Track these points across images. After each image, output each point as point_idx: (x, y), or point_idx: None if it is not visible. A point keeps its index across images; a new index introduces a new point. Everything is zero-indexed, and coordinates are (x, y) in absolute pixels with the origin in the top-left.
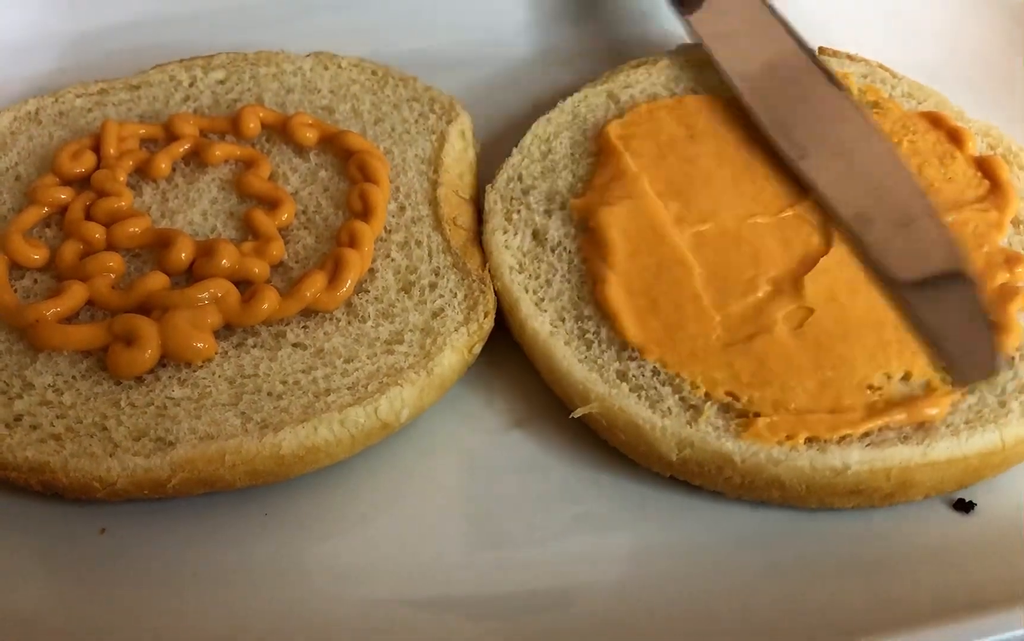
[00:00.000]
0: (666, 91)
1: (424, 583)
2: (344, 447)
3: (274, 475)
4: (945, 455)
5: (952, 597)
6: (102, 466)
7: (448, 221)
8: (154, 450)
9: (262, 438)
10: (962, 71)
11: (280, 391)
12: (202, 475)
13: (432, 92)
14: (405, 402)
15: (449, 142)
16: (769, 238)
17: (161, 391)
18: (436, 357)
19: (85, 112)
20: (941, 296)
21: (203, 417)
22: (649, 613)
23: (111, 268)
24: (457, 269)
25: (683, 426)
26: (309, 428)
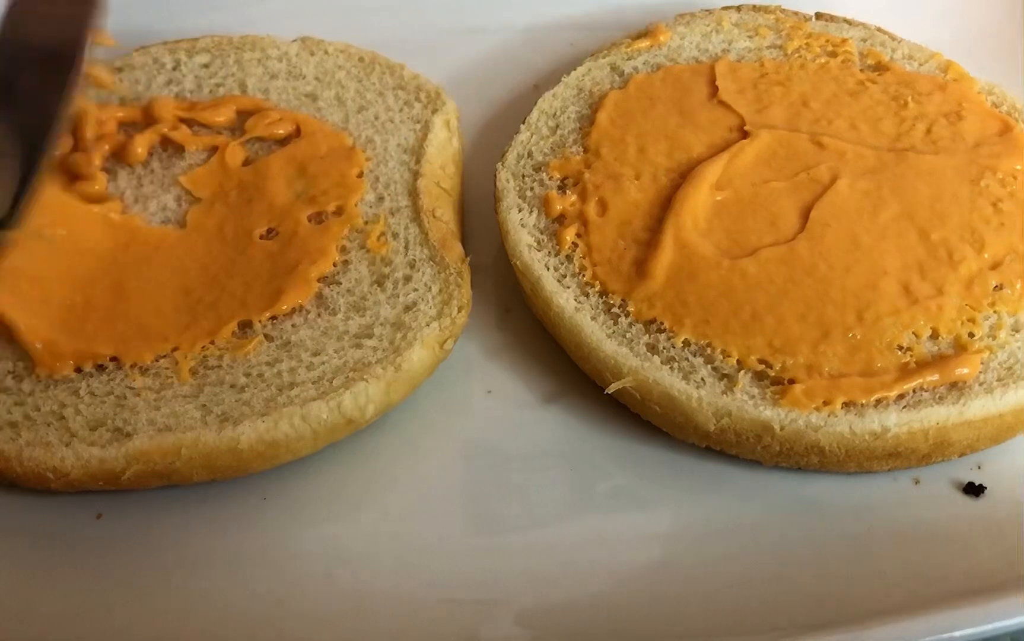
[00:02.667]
0: (669, 61)
1: (460, 563)
2: (306, 443)
3: (233, 469)
4: (980, 413)
5: (961, 581)
6: (56, 456)
7: (427, 213)
8: (110, 441)
9: (220, 431)
10: (962, 39)
11: (243, 383)
12: (157, 468)
13: (419, 80)
14: (370, 398)
15: (433, 132)
16: (782, 199)
17: (122, 380)
18: (405, 352)
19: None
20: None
21: (162, 408)
22: (689, 586)
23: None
24: (434, 262)
25: (719, 396)
26: (270, 422)
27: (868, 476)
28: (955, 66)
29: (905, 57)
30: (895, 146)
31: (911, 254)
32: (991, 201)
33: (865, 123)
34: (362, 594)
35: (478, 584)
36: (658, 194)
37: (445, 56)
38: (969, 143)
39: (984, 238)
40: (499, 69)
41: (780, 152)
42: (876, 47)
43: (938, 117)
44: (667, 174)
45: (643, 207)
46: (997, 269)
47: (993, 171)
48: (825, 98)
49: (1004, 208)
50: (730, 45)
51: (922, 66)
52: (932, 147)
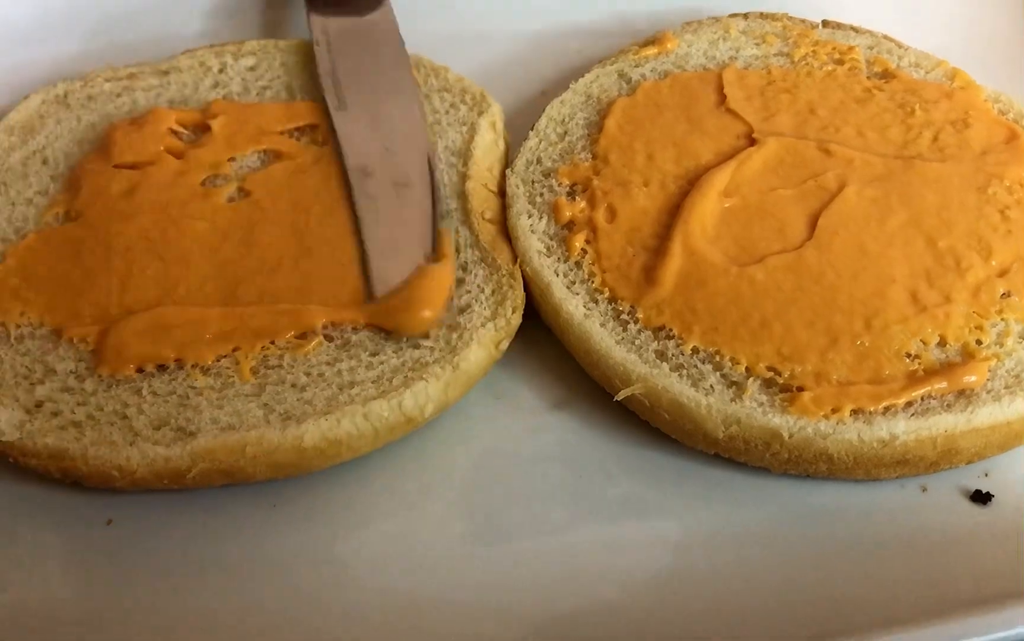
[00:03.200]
0: (676, 68)
1: (468, 570)
2: (367, 441)
3: (295, 467)
4: (988, 421)
5: (969, 589)
6: (122, 454)
7: (477, 214)
8: (174, 440)
9: (284, 430)
10: (969, 47)
11: (304, 383)
12: (222, 466)
13: (464, 82)
14: (430, 397)
15: (479, 134)
16: (790, 207)
17: (184, 380)
18: (462, 352)
19: (114, 97)
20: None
21: (225, 407)
22: (698, 594)
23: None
24: (486, 264)
25: (728, 403)
26: (332, 421)
27: (876, 483)
28: (962, 74)
29: (912, 65)
30: (902, 153)
31: (919, 262)
32: (998, 208)
33: (872, 130)
34: (370, 601)
35: (486, 591)
36: (666, 201)
37: (454, 62)
38: (976, 151)
39: (991, 245)
40: (508, 75)
41: (788, 159)
42: (883, 54)
43: (945, 125)
44: (675, 181)
45: (652, 214)
46: (1004, 276)
47: (1000, 178)
48: (832, 105)
49: (1011, 215)
50: (737, 52)
51: (929, 74)
52: (939, 155)
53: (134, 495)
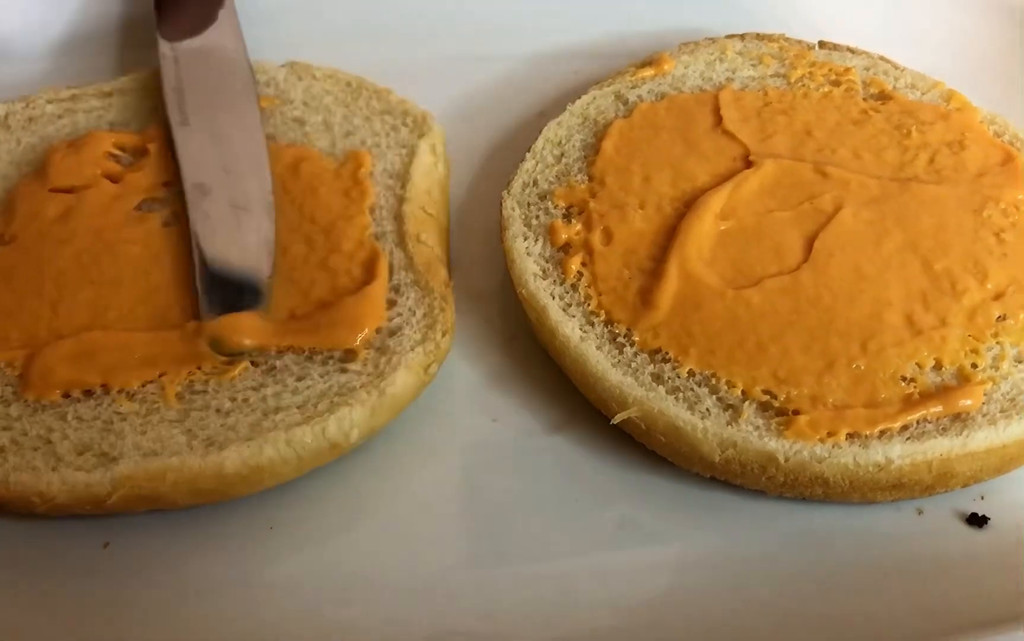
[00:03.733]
0: (673, 89)
1: (464, 594)
2: (291, 467)
3: (218, 493)
4: (984, 445)
5: (964, 612)
6: (43, 480)
7: (412, 237)
8: (96, 465)
9: (205, 456)
10: (964, 68)
11: (228, 408)
12: (143, 492)
13: (406, 105)
14: (355, 423)
15: (418, 157)
16: (786, 229)
17: (109, 405)
18: (389, 377)
19: (55, 119)
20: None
21: (148, 433)
22: (694, 616)
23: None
24: (418, 286)
25: (724, 426)
26: (255, 447)
27: (872, 506)
28: (957, 95)
29: (908, 86)
30: (898, 175)
31: (914, 284)
32: (994, 231)
33: (868, 152)
34: (367, 625)
35: (482, 616)
36: (663, 223)
37: (450, 85)
38: (972, 173)
39: (987, 268)
40: (504, 97)
41: (784, 181)
42: (879, 76)
43: (941, 147)
44: (671, 203)
45: (648, 236)
46: (1000, 300)
47: (996, 201)
48: (829, 127)
49: (1006, 238)
50: (734, 74)
51: (925, 95)
52: (935, 177)
53: (131, 517)
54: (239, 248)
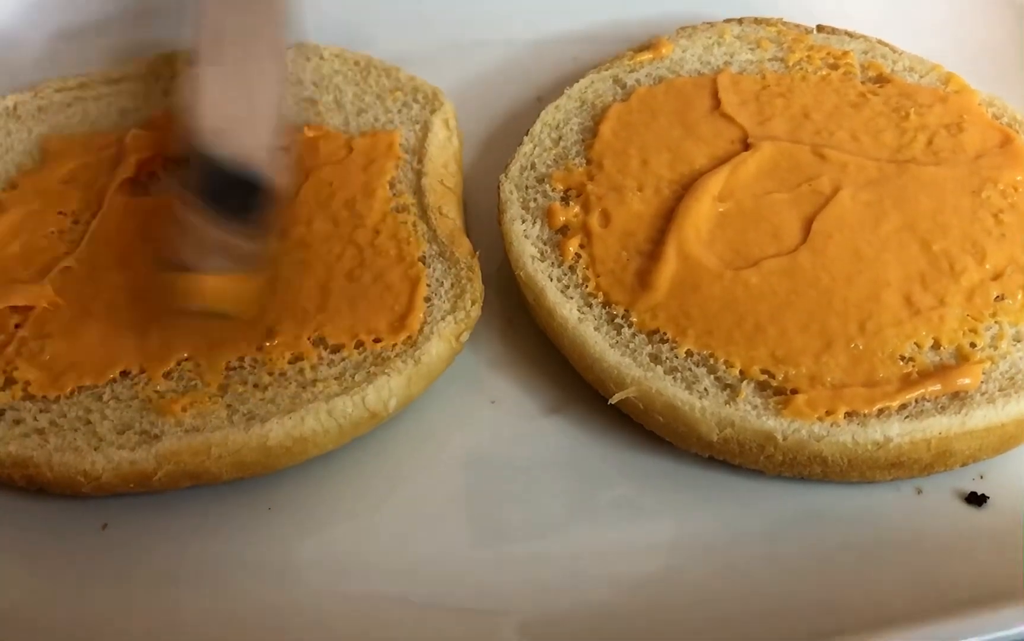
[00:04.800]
0: (671, 73)
1: (463, 573)
2: (332, 437)
3: (262, 466)
4: (983, 423)
5: (964, 591)
6: (87, 460)
7: (434, 210)
8: (139, 443)
9: (248, 430)
10: (963, 51)
11: (267, 382)
12: (188, 467)
13: (415, 81)
14: (393, 391)
15: (433, 131)
16: (784, 211)
17: (146, 385)
18: (423, 346)
19: (65, 107)
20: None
21: (188, 409)
22: (692, 596)
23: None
24: (443, 258)
25: (722, 406)
26: (296, 419)
27: (871, 486)
28: (956, 78)
29: (906, 69)
30: (896, 158)
31: (913, 265)
32: (992, 212)
33: (866, 135)
34: (364, 604)
35: (481, 594)
36: (661, 206)
37: (449, 68)
38: (970, 155)
39: (985, 249)
40: (502, 81)
41: (782, 164)
42: (877, 59)
43: (939, 129)
44: (670, 186)
45: (646, 219)
46: (998, 280)
47: (994, 182)
48: (827, 110)
49: (1005, 219)
50: (732, 57)
51: (923, 78)
52: (933, 159)
53: (128, 499)
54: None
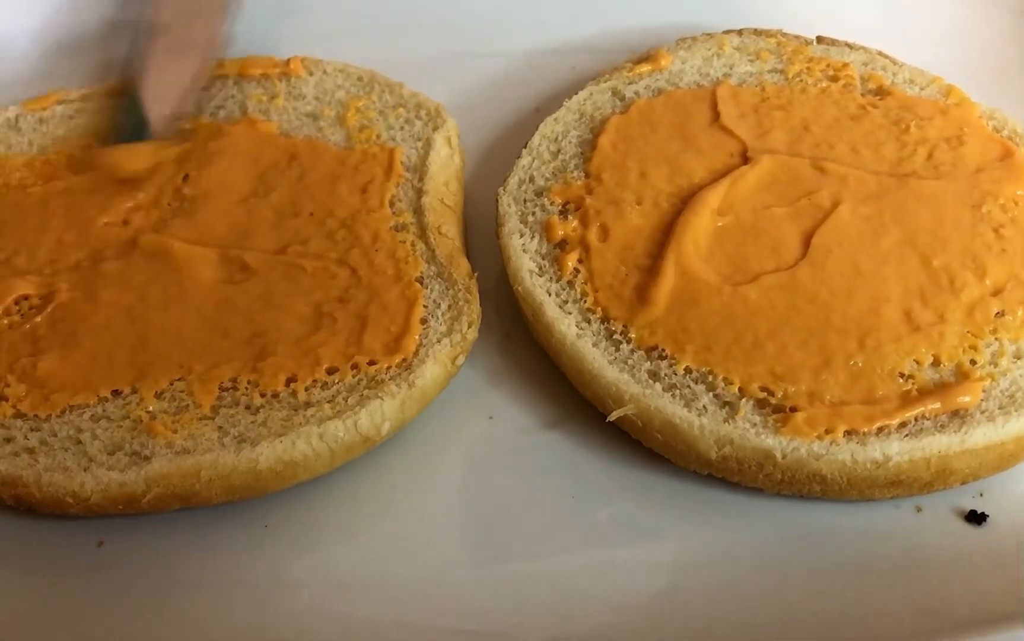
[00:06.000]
0: (670, 85)
1: (459, 592)
2: (323, 462)
3: (251, 490)
4: (982, 441)
5: (963, 610)
6: (76, 481)
7: (433, 230)
8: (129, 465)
9: (239, 453)
10: (963, 63)
11: (259, 404)
12: (177, 490)
13: (419, 98)
14: (386, 416)
15: (435, 149)
16: (784, 225)
17: (138, 405)
18: (418, 369)
19: (67, 119)
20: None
21: (179, 431)
22: (691, 615)
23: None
24: (441, 278)
25: (721, 423)
26: (287, 443)
27: (870, 504)
28: (956, 90)
29: (906, 81)
30: (896, 171)
31: (913, 280)
32: (992, 227)
33: (866, 148)
34: (360, 624)
35: (478, 614)
36: (660, 220)
37: (447, 80)
38: (970, 168)
39: (986, 264)
40: (501, 93)
41: (781, 177)
42: (877, 71)
43: (939, 142)
44: (668, 199)
45: (645, 233)
46: (999, 296)
47: (994, 196)
48: (826, 122)
49: (1005, 234)
50: (731, 69)
51: (923, 90)
52: (933, 172)
53: (125, 517)
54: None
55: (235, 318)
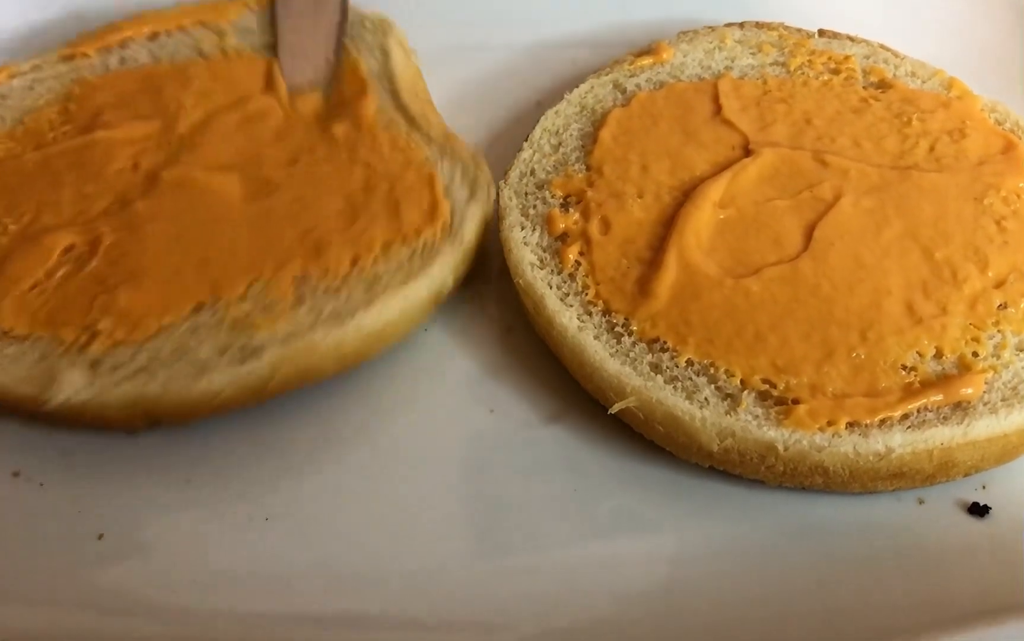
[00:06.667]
0: (672, 78)
1: (461, 585)
2: (411, 318)
3: (360, 356)
4: (985, 434)
5: (966, 602)
6: (203, 380)
7: (421, 119)
8: (245, 358)
9: (344, 323)
10: (965, 56)
11: (337, 285)
12: (300, 367)
13: (361, 12)
14: (448, 271)
15: (393, 55)
16: (785, 218)
17: (227, 310)
18: (459, 230)
19: (28, 90)
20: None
21: (277, 323)
22: (693, 607)
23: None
24: (446, 156)
25: (722, 416)
26: (379, 307)
27: (872, 496)
28: (958, 83)
29: (908, 74)
30: (898, 164)
31: (915, 273)
32: (995, 219)
33: (868, 141)
34: (363, 617)
35: (480, 606)
36: (661, 212)
37: (448, 73)
38: (972, 161)
39: (988, 257)
40: (502, 86)
41: (783, 170)
42: (879, 64)
43: (941, 135)
44: (670, 192)
45: (646, 226)
46: (1001, 288)
47: (996, 189)
48: (828, 115)
49: (1008, 226)
50: (733, 62)
51: (925, 83)
52: (935, 165)
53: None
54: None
55: (279, 223)
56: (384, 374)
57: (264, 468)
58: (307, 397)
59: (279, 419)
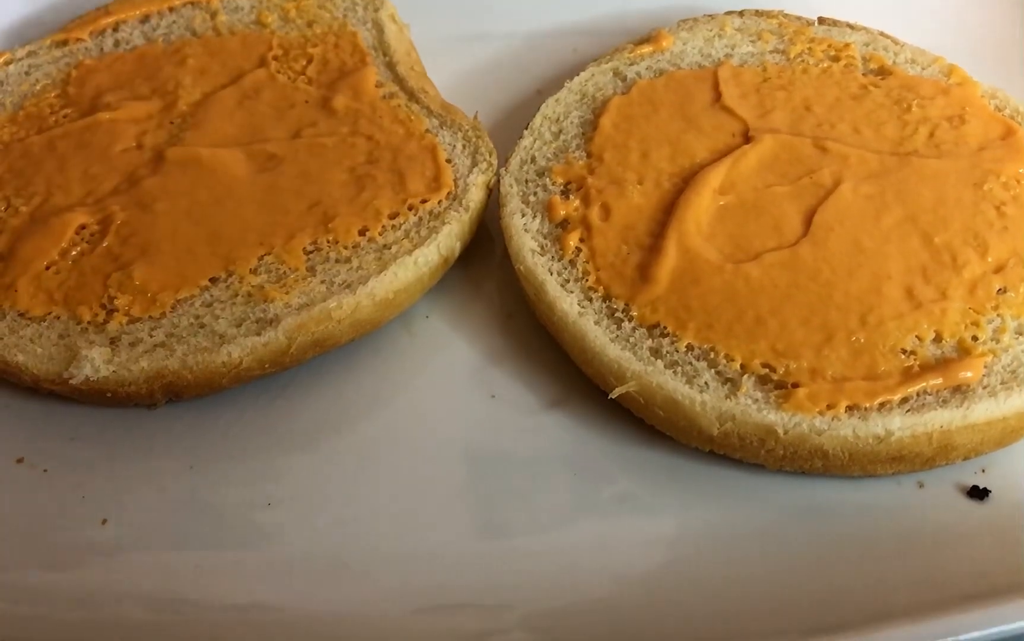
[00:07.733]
0: (671, 66)
1: (464, 568)
2: (422, 284)
3: (373, 323)
4: (984, 417)
5: (965, 585)
6: (223, 352)
7: (419, 90)
8: (262, 328)
9: (355, 291)
10: (965, 43)
11: (347, 255)
12: (316, 335)
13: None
14: (455, 237)
15: (386, 27)
16: (785, 204)
17: (241, 282)
18: (465, 197)
19: (24, 76)
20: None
21: (290, 293)
22: (693, 591)
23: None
24: (446, 126)
25: (722, 400)
26: (391, 274)
27: (872, 480)
28: (958, 70)
29: (908, 61)
30: (898, 150)
31: (914, 258)
32: (994, 205)
33: (868, 127)
34: (366, 599)
35: (482, 589)
36: (661, 199)
37: (449, 62)
38: (972, 147)
39: (987, 242)
40: (503, 75)
41: (783, 156)
42: (879, 51)
43: (941, 121)
44: (670, 179)
45: (646, 212)
46: (1000, 272)
47: (996, 175)
48: (828, 102)
49: (1007, 212)
50: (733, 50)
51: (925, 70)
52: (935, 151)
53: (131, 495)
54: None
55: (286, 196)
56: (386, 361)
57: (267, 454)
58: (308, 381)
59: (281, 407)
